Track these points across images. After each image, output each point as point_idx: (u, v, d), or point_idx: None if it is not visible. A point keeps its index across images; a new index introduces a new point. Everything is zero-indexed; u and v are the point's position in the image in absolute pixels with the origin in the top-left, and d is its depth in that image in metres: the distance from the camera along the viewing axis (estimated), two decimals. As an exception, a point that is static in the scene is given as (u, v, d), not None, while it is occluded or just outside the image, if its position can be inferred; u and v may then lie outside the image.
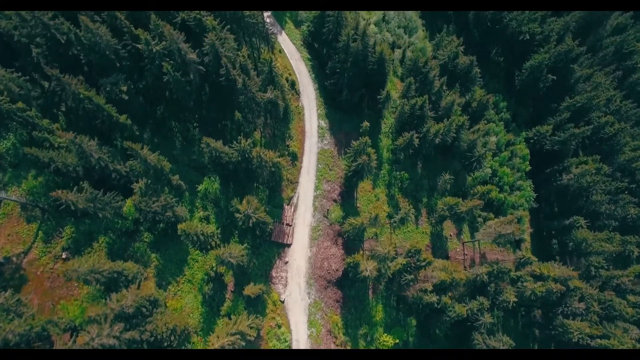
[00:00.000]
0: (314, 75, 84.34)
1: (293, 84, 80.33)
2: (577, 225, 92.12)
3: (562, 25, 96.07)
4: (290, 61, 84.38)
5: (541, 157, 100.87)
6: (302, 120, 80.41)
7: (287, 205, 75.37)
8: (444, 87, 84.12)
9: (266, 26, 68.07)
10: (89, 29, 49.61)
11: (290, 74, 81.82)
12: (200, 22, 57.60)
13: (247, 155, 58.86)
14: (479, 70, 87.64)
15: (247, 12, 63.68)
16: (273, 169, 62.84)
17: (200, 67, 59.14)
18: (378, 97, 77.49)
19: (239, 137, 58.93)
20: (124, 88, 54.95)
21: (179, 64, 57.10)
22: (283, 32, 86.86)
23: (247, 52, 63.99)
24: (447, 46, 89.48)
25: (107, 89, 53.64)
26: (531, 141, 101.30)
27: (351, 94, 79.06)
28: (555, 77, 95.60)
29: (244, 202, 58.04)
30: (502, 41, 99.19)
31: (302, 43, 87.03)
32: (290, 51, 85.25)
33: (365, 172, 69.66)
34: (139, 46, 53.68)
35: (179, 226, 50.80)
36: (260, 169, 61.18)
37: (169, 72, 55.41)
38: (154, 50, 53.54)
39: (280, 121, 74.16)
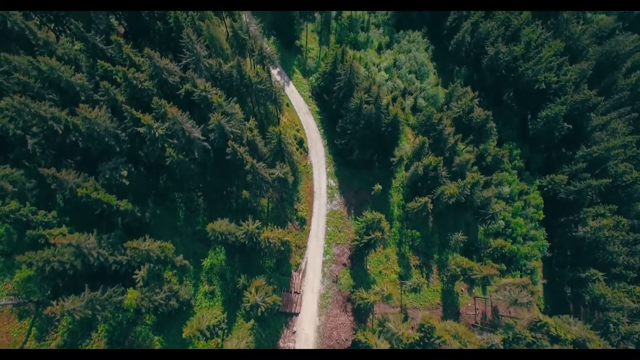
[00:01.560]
0: (322, 130, 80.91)
1: (301, 142, 76.94)
2: (594, 278, 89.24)
3: (578, 73, 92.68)
4: (299, 114, 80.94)
5: (555, 205, 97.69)
6: (310, 179, 76.99)
7: (295, 271, 72.11)
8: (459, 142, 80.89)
9: (274, 89, 64.60)
10: (87, 119, 46.19)
11: (298, 130, 78.44)
12: (206, 98, 54.15)
13: (254, 239, 55.51)
14: (494, 125, 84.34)
15: (255, 79, 60.28)
16: (282, 248, 59.51)
17: (206, 144, 55.76)
18: (391, 159, 74.21)
19: (246, 221, 55.65)
20: (125, 172, 51.53)
21: (183, 143, 53.73)
22: (291, 82, 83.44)
23: (255, 122, 60.48)
24: (462, 98, 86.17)
25: (107, 175, 50.19)
26: (545, 189, 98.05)
27: (362, 153, 75.71)
28: (571, 126, 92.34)
29: (252, 289, 54.72)
30: (516, 87, 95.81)
31: (310, 94, 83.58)
32: (298, 103, 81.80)
33: (378, 244, 66.53)
34: (141, 130, 50.22)
35: (184, 332, 47.41)
36: (268, 249, 57.87)
37: (172, 156, 52.05)
38: (157, 134, 50.09)
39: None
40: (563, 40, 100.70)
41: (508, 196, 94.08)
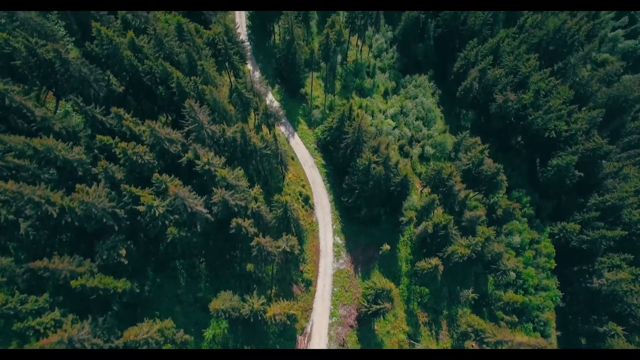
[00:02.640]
0: (329, 184, 78.50)
1: (307, 199, 74.42)
2: (613, 333, 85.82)
3: (588, 121, 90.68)
4: (304, 168, 78.63)
5: (567, 253, 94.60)
6: (316, 237, 74.21)
7: (301, 335, 68.71)
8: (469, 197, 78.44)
9: (280, 151, 62.41)
10: (83, 202, 43.73)
11: (304, 186, 76.01)
12: (209, 171, 51.84)
13: (260, 317, 52.51)
14: (505, 178, 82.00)
15: (260, 145, 58.10)
16: (288, 322, 56.43)
17: (209, 216, 53.18)
18: (400, 219, 71.66)
19: (250, 294, 52.77)
20: (123, 252, 48.78)
21: (185, 217, 51.18)
22: (296, 134, 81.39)
23: (260, 189, 58.07)
24: (471, 149, 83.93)
25: (104, 257, 47.49)
26: (556, 237, 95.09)
27: (370, 210, 73.17)
28: (582, 174, 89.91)
29: (256, 373, 51.40)
30: (525, 134, 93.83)
31: (315, 146, 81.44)
32: (304, 156, 79.58)
33: (386, 313, 63.52)
34: (140, 208, 47.72)
35: None
36: (274, 323, 54.80)
37: (174, 233, 49.49)
38: (157, 213, 47.57)
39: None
40: (571, 85, 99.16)
41: (518, 246, 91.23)
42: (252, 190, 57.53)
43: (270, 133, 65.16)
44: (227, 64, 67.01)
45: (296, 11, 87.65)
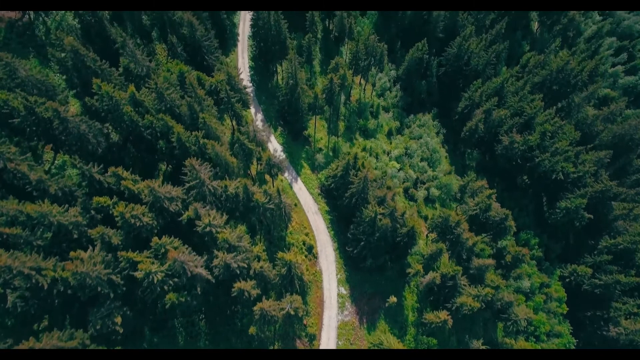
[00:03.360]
0: (333, 232, 76.17)
1: (311, 248, 71.98)
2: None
3: (595, 162, 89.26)
4: (307, 214, 76.46)
5: (579, 296, 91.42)
6: (320, 288, 71.34)
7: (303, 395, 64.72)
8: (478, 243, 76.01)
9: (283, 206, 60.32)
10: (77, 273, 41.33)
11: (307, 234, 73.64)
12: (210, 233, 49.65)
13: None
14: (514, 224, 79.88)
15: (263, 200, 56.04)
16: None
17: (209, 277, 50.61)
18: (407, 271, 69.21)
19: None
20: (118, 320, 46.03)
21: (184, 281, 48.63)
22: (299, 179, 79.55)
23: (263, 246, 55.83)
24: (478, 193, 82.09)
25: (98, 326, 44.73)
26: (567, 280, 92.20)
27: (376, 260, 70.59)
28: (592, 217, 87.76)
29: None
30: (531, 175, 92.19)
31: (319, 192, 79.48)
32: (307, 202, 77.53)
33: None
34: (138, 274, 45.27)
35: None
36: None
37: (173, 300, 46.91)
38: (156, 280, 45.10)
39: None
40: (575, 124, 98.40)
41: (528, 290, 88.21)
42: (255, 248, 55.22)
43: (273, 186, 63.27)
44: (229, 113, 65.64)
45: (299, 55, 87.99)
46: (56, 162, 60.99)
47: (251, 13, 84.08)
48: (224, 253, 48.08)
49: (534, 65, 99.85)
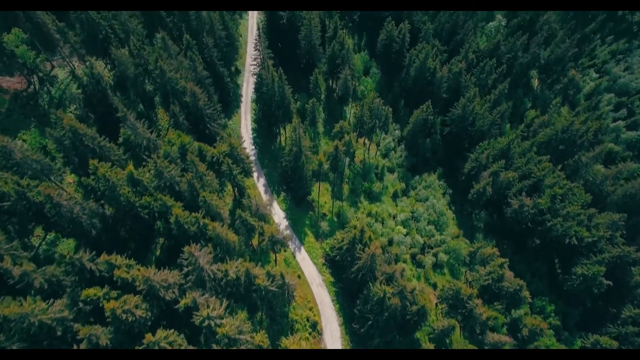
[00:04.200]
0: (338, 305, 71.60)
1: (315, 325, 67.18)
2: None
3: (609, 225, 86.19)
4: (311, 287, 72.19)
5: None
6: (325, 371, 65.71)
7: None
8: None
9: (287, 286, 56.41)
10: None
11: (311, 309, 69.08)
12: (209, 327, 45.52)
13: None
14: (529, 295, 75.62)
15: (266, 283, 52.27)
16: None
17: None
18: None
19: None
20: None
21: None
22: (302, 248, 76.02)
23: (265, 334, 51.39)
24: (489, 261, 78.40)
25: None
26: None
27: (383, 339, 65.66)
28: (611, 283, 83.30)
29: None
30: (543, 238, 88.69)
31: (324, 261, 75.70)
32: (311, 273, 73.51)
33: None
34: (126, 379, 40.69)
35: None
36: None
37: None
38: (146, 386, 40.46)
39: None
40: (584, 183, 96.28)
41: None
42: (256, 337, 50.78)
43: (276, 264, 59.78)
44: (231, 184, 63.37)
45: (303, 117, 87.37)
46: (47, 237, 57.99)
47: (255, 76, 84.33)
48: (223, 347, 43.75)
49: (538, 125, 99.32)
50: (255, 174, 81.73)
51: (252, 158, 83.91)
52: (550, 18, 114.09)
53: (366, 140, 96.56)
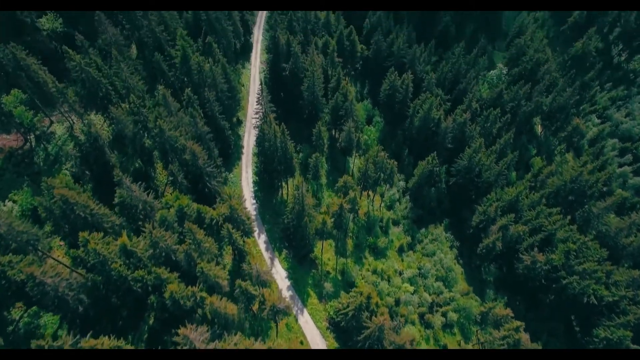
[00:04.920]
0: (344, 377, 66.17)
1: (319, 402, 61.53)
2: None
3: (629, 282, 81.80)
4: (314, 354, 67.04)
5: None
6: None
7: None
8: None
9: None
10: None
11: (314, 382, 63.60)
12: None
13: None
14: (549, 364, 70.18)
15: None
16: None
17: None
18: None
19: None
20: None
21: None
22: (305, 310, 71.51)
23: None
24: (502, 323, 73.49)
25: None
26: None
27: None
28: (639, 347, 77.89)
29: None
30: (559, 296, 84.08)
31: (328, 325, 70.98)
32: (314, 338, 68.57)
33: None
34: None
35: None
36: None
37: None
38: None
39: None
40: (597, 235, 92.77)
41: None
42: None
43: (277, 336, 55.37)
44: (231, 247, 60.00)
45: (306, 170, 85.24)
46: (30, 310, 53.89)
47: (257, 129, 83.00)
48: None
49: (546, 175, 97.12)
50: (256, 230, 78.30)
51: (253, 213, 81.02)
52: (550, 67, 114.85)
53: (370, 192, 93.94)
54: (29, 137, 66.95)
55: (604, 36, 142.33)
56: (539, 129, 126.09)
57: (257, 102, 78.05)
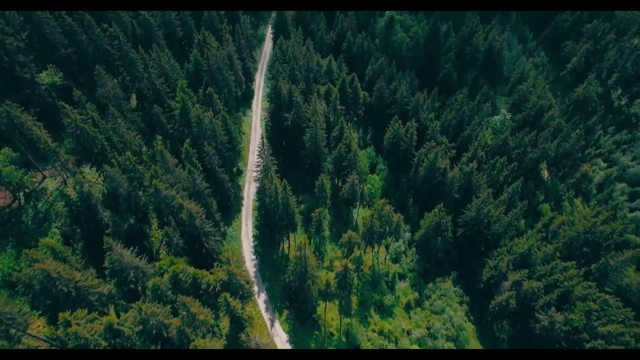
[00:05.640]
0: None
1: None
2: None
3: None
4: None
5: None
6: None
7: None
8: None
9: None
10: None
11: None
12: None
13: None
14: None
15: None
16: None
17: None
18: None
19: None
20: None
21: None
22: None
23: None
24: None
25: None
26: None
27: None
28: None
29: None
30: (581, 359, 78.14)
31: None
32: (317, 415, 62.42)
33: None
34: None
35: None
36: None
37: None
38: None
39: None
40: (616, 290, 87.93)
41: None
42: None
43: None
44: (229, 315, 55.40)
45: (308, 222, 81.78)
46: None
47: (257, 181, 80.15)
48: None
49: (558, 225, 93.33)
50: (255, 289, 73.68)
51: (253, 270, 76.80)
52: (555, 114, 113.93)
53: (375, 245, 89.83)
54: (18, 194, 63.76)
55: (603, 81, 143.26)
56: (545, 174, 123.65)
57: (258, 154, 75.58)
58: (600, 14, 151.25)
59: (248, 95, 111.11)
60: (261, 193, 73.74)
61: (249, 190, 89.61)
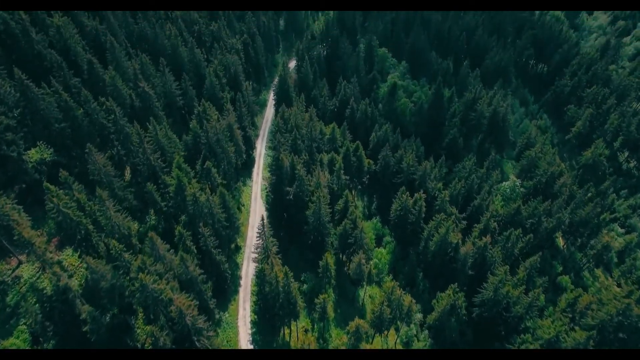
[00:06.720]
0: None
1: None
2: None
3: None
4: None
5: None
6: None
7: None
8: None
9: None
10: None
11: None
12: None
13: None
14: None
15: None
16: None
17: None
18: None
19: None
20: None
21: None
22: None
23: None
24: None
25: None
26: None
27: None
28: None
29: None
30: None
31: None
32: None
33: None
34: None
35: None
36: None
37: None
38: None
39: None
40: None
41: None
42: None
43: None
44: None
45: (311, 310, 74.36)
46: None
47: (256, 263, 73.71)
48: None
49: (585, 307, 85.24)
50: (251, 390, 64.61)
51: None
52: (567, 181, 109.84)
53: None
54: (-13, 286, 57.30)
55: (608, 144, 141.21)
56: (560, 242, 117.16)
57: (257, 235, 69.81)
58: (599, 79, 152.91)
59: (249, 164, 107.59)
60: (261, 279, 67.16)
61: (248, 269, 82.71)
